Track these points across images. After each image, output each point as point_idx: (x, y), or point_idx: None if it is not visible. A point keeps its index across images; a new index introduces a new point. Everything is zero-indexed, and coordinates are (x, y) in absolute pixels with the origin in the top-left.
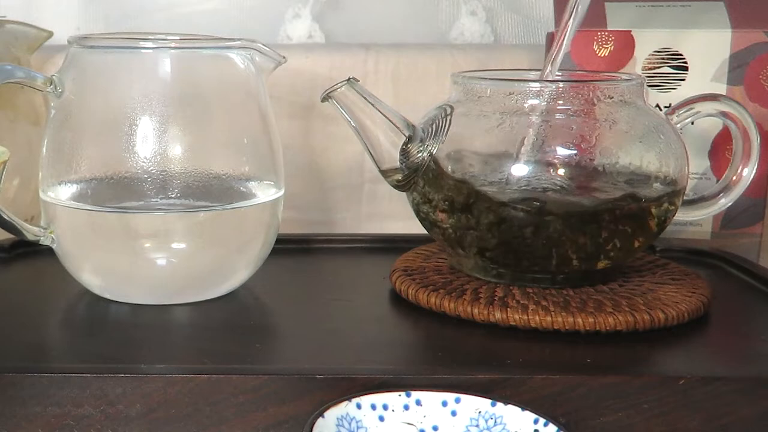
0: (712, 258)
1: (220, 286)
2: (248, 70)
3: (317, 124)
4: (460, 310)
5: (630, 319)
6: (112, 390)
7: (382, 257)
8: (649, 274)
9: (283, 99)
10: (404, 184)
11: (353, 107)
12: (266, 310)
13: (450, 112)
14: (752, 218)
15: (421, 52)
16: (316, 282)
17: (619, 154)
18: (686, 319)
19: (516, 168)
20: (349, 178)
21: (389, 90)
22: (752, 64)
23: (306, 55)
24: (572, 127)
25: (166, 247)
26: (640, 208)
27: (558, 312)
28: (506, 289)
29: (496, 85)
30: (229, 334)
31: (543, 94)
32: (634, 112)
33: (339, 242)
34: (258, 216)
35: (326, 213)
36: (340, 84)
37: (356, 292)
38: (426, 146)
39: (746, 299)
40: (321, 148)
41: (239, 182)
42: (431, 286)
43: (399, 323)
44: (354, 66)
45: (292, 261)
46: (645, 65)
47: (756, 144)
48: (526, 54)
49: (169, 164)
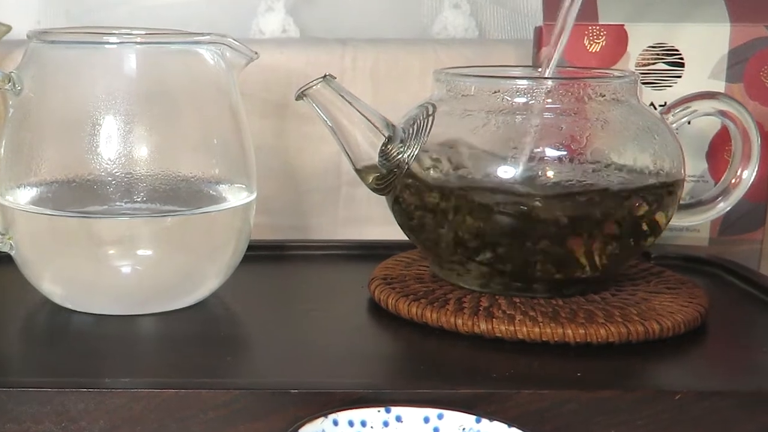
0: (710, 265)
1: (189, 295)
2: (218, 67)
3: (292, 123)
4: (442, 321)
5: (623, 331)
6: (74, 406)
7: (361, 265)
8: (644, 283)
9: (256, 97)
10: (384, 187)
11: (330, 106)
12: (237, 321)
13: (432, 111)
14: (752, 223)
15: (402, 48)
16: (290, 291)
17: (611, 155)
18: (682, 330)
19: (502, 170)
20: (326, 181)
21: (368, 88)
22: (752, 60)
23: (280, 51)
24: (562, 126)
25: (132, 254)
26: (634, 213)
27: (546, 323)
28: (492, 298)
29: (482, 82)
30: (198, 346)
31: (531, 92)
32: (628, 111)
33: (315, 249)
34: (229, 221)
35: (301, 218)
36: (316, 81)
37: (333, 302)
38: (407, 147)
39: (746, 309)
40: (296, 149)
41: (209, 185)
42: (412, 295)
43: (378, 335)
44: (330, 62)
45: (265, 269)
46: (639, 61)
47: (756, 145)
48: (513, 49)
49: (135, 166)
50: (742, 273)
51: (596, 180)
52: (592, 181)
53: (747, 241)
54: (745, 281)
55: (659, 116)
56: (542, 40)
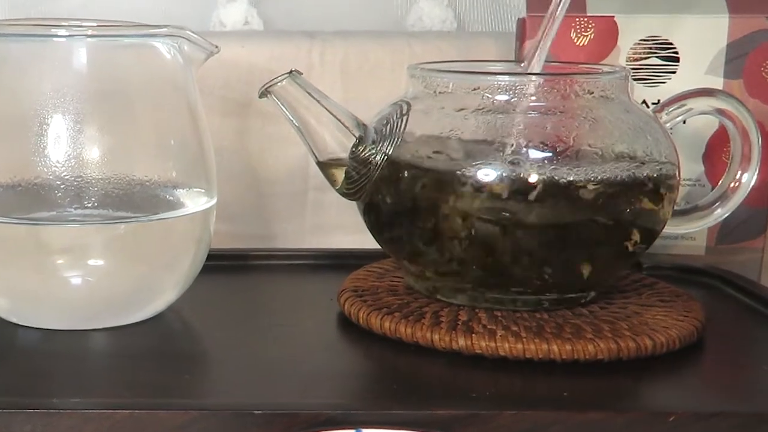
0: (707, 276)
1: (144, 308)
2: (176, 62)
3: (255, 123)
4: (418, 336)
5: (613, 347)
6: (20, 427)
7: (329, 276)
8: (635, 295)
9: (216, 94)
10: (354, 191)
11: (296, 104)
12: (196, 337)
13: (406, 109)
14: (752, 231)
15: (374, 41)
16: (253, 304)
17: (600, 157)
18: (677, 346)
19: (483, 173)
20: (292, 185)
21: (337, 84)
22: (752, 54)
23: (242, 44)
24: (546, 126)
25: (82, 264)
26: (624, 220)
27: (530, 338)
28: (471, 312)
29: (460, 78)
30: (154, 363)
31: (514, 90)
32: (618, 110)
33: (280, 258)
34: (187, 228)
35: (265, 225)
36: (281, 77)
37: (299, 316)
38: (379, 148)
39: (745, 323)
40: (259, 151)
41: (165, 190)
42: (385, 308)
43: (348, 351)
44: (296, 57)
45: (226, 280)
46: (630, 56)
47: (757, 146)
48: (494, 43)
49: (85, 169)
50: (741, 284)
51: (583, 183)
52: (579, 184)
53: (747, 250)
54: (744, 293)
55: (652, 115)
56: (525, 33)
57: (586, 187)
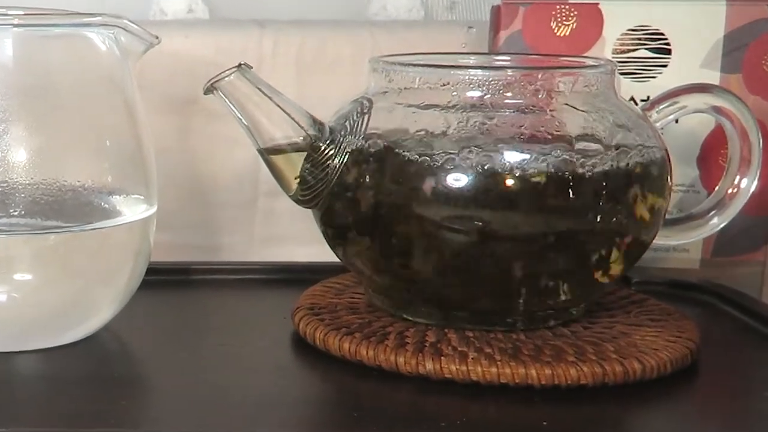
0: (702, 292)
1: (77, 328)
2: (112, 54)
3: (199, 122)
4: (381, 359)
5: (597, 371)
6: None
7: (282, 292)
8: (622, 314)
9: (156, 90)
10: (310, 198)
11: (245, 101)
12: (135, 359)
13: (368, 107)
14: (752, 242)
15: (332, 31)
16: (197, 323)
17: (582, 160)
18: (669, 370)
19: (452, 179)
20: (240, 192)
21: (291, 79)
22: (752, 45)
23: (185, 35)
24: (523, 125)
25: (8, 279)
26: (610, 230)
27: (506, 361)
28: (439, 332)
29: (427, 73)
30: (88, 388)
31: (487, 85)
32: (603, 108)
33: (227, 273)
34: (124, 239)
35: (211, 235)
36: (228, 71)
37: (249, 336)
38: (338, 150)
39: (745, 345)
40: (204, 153)
41: (100, 196)
42: (344, 328)
43: (304, 375)
44: (246, 48)
45: (168, 296)
46: (617, 47)
47: (757, 147)
48: (465, 33)
49: (11, 174)
50: (740, 301)
51: (564, 189)
52: (559, 190)
53: (746, 263)
54: (743, 311)
55: (641, 113)
56: (500, 23)
57: (568, 193)
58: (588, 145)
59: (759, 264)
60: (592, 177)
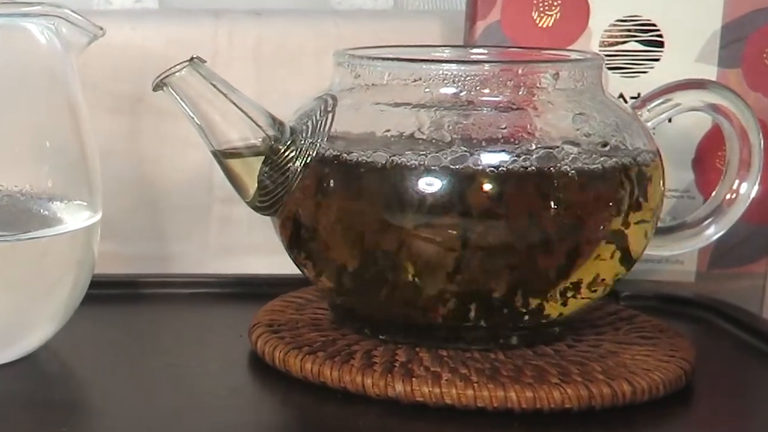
0: (698, 308)
1: (13, 346)
2: (52, 47)
3: (148, 121)
4: (346, 381)
5: (583, 394)
6: None
7: (239, 307)
8: (611, 331)
9: (101, 87)
10: (269, 204)
11: (198, 98)
12: (77, 381)
13: (333, 105)
14: (753, 252)
15: (293, 22)
16: (145, 342)
17: (567, 162)
18: (661, 392)
19: (424, 183)
20: (193, 197)
21: (249, 74)
22: (752, 38)
23: (132, 26)
24: (502, 125)
25: None
26: (597, 239)
27: (483, 383)
28: (410, 351)
29: (397, 67)
30: (26, 413)
31: (463, 81)
32: (589, 106)
33: (178, 286)
34: (66, 249)
35: (161, 245)
36: (180, 66)
37: (202, 356)
38: (300, 152)
39: (744, 365)
40: (153, 155)
41: (39, 202)
42: (306, 347)
43: (262, 398)
44: (199, 41)
45: (114, 312)
46: (604, 40)
47: (758, 149)
48: (439, 24)
49: None
50: (739, 317)
51: (546, 194)
52: (540, 196)
53: (746, 276)
54: (743, 328)
55: (631, 112)
56: (477, 12)
57: (550, 199)
58: (573, 147)
59: (759, 277)
60: (577, 182)
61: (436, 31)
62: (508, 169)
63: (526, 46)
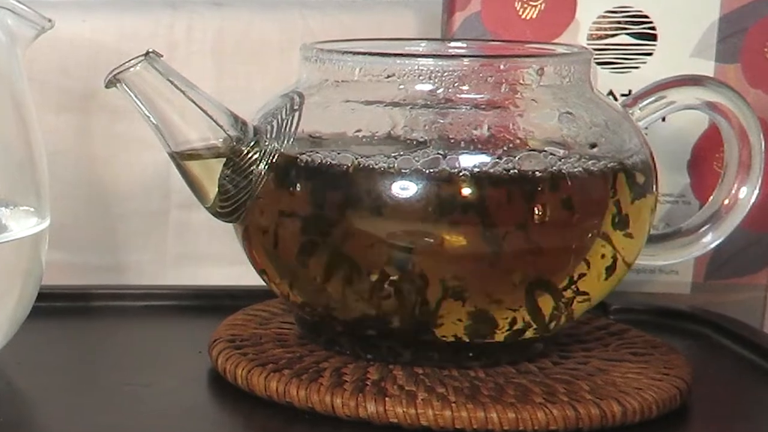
0: (694, 322)
1: None
2: None
3: (100, 120)
4: (314, 401)
5: (570, 414)
6: None
7: (198, 321)
8: (599, 347)
9: (49, 83)
10: (230, 210)
11: (154, 96)
12: (23, 400)
13: (299, 103)
14: (752, 263)
15: (257, 13)
16: (97, 358)
17: (552, 164)
18: (654, 413)
19: (397, 187)
20: (149, 202)
21: (208, 69)
22: (752, 31)
23: (83, 18)
24: (483, 124)
25: None
26: (584, 247)
27: (462, 403)
28: (384, 368)
29: (369, 62)
30: None
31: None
32: (576, 104)
33: (133, 298)
34: (11, 258)
35: (114, 254)
36: (134, 61)
37: (158, 374)
38: (263, 154)
39: (742, 383)
40: (106, 157)
41: None
42: (271, 364)
43: (223, 419)
44: (155, 34)
45: (63, 326)
46: (593, 33)
47: (759, 150)
48: (414, 16)
49: None
50: (738, 332)
51: (529, 199)
52: (522, 200)
53: (745, 287)
54: (742, 344)
55: (621, 110)
56: (455, 4)
57: (534, 204)
58: (558, 148)
59: (760, 288)
60: (563, 185)
61: (412, 23)
62: (487, 172)
63: (509, 39)
